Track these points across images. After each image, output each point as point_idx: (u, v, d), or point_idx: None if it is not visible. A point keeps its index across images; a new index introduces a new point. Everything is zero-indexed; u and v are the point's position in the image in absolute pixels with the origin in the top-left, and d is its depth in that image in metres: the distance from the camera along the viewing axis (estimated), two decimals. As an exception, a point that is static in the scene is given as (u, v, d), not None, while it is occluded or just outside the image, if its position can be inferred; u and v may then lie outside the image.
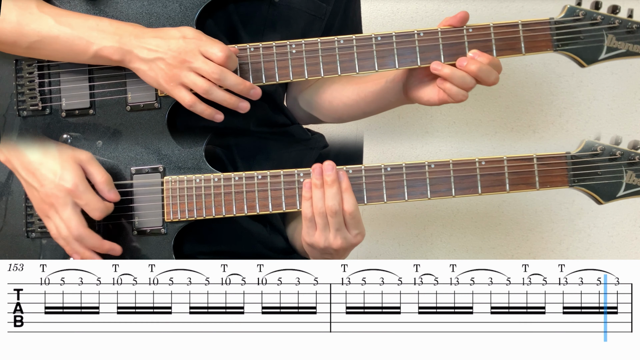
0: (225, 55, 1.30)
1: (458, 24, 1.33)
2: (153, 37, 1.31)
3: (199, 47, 1.30)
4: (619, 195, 1.32)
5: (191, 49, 1.30)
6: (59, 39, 1.33)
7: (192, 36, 1.31)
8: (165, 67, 1.30)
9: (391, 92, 1.46)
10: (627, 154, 1.31)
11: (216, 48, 1.30)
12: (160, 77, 1.31)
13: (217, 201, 1.35)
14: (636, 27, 1.31)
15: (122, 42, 1.31)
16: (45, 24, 1.33)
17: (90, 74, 1.40)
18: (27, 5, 1.33)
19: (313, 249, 1.34)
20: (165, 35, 1.31)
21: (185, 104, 1.32)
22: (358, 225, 1.32)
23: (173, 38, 1.31)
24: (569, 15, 1.33)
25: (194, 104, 1.32)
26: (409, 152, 2.03)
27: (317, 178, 1.31)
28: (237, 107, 1.33)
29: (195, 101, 1.32)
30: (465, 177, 1.31)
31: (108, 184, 1.35)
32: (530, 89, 2.00)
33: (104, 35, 1.32)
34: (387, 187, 1.32)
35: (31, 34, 1.33)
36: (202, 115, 1.33)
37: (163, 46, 1.30)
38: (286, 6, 1.45)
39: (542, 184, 1.31)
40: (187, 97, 1.31)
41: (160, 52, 1.30)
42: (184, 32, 1.31)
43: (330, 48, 1.35)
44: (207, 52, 1.30)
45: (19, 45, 1.35)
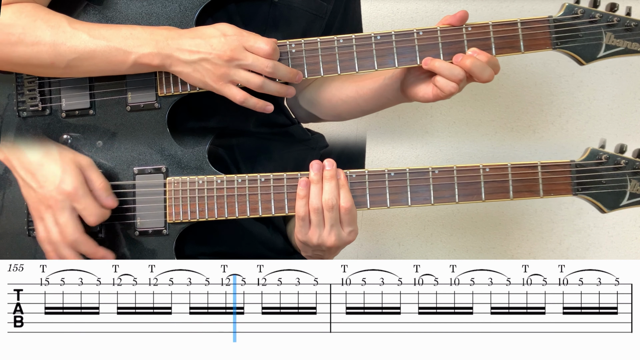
0: (272, 48, 1.30)
1: (457, 23, 1.33)
2: (191, 38, 1.30)
3: (243, 43, 1.30)
4: (623, 204, 1.32)
5: (236, 46, 1.29)
6: (96, 52, 1.31)
7: (232, 33, 1.30)
8: (212, 67, 1.30)
9: (389, 90, 1.46)
10: (632, 162, 1.30)
11: (261, 42, 1.30)
12: (207, 77, 1.31)
13: (220, 203, 1.35)
14: (634, 25, 1.31)
15: (160, 47, 1.30)
16: (80, 40, 1.31)
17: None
18: (58, 23, 1.31)
19: (306, 246, 1.35)
20: (203, 35, 1.30)
21: (237, 101, 1.32)
22: (352, 222, 1.32)
23: (213, 37, 1.30)
24: (567, 13, 1.33)
25: (246, 100, 1.32)
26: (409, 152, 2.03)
27: (315, 174, 1.31)
28: (286, 94, 1.35)
29: (246, 97, 1.32)
30: (468, 183, 1.31)
31: (106, 190, 1.35)
32: (530, 89, 2.00)
33: (140, 43, 1.30)
34: (390, 192, 1.32)
35: (68, 52, 1.31)
36: (254, 108, 1.33)
37: (205, 46, 1.29)
38: (287, 6, 1.45)
39: (546, 192, 1.31)
40: (239, 94, 1.31)
41: (203, 53, 1.29)
42: (222, 29, 1.31)
43: (330, 47, 1.35)
44: (253, 47, 1.30)
45: (57, 66, 1.32)
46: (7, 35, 1.30)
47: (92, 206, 1.33)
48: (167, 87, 1.37)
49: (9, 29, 1.30)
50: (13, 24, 1.30)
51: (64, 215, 1.32)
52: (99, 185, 1.34)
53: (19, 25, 1.30)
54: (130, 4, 1.37)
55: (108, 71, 1.34)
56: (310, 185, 1.31)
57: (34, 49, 1.31)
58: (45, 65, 1.32)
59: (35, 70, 1.37)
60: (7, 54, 1.32)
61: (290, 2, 1.45)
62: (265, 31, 1.42)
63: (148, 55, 1.30)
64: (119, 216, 1.39)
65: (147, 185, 1.38)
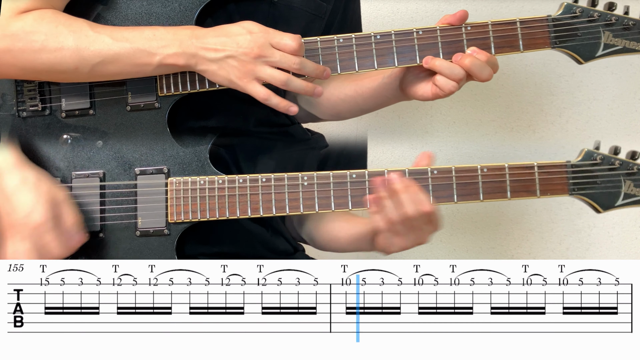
0: (298, 44, 1.30)
1: (457, 23, 1.34)
2: (216, 37, 1.30)
3: (269, 40, 1.29)
4: (618, 204, 1.33)
5: (262, 43, 1.29)
6: (120, 55, 1.30)
7: (257, 30, 1.30)
8: (238, 64, 1.29)
9: (388, 89, 1.46)
10: (626, 164, 1.32)
11: (287, 38, 1.29)
12: (233, 75, 1.30)
13: (221, 203, 1.35)
14: (632, 24, 1.32)
15: (184, 47, 1.30)
16: (103, 44, 1.30)
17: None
18: (80, 28, 1.31)
19: (400, 248, 1.35)
20: (229, 33, 1.30)
21: (260, 98, 1.31)
22: (439, 217, 1.31)
23: (239, 35, 1.30)
24: (566, 13, 1.33)
25: (269, 97, 1.31)
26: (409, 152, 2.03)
27: (383, 190, 1.29)
28: (313, 93, 1.33)
29: (270, 95, 1.31)
30: (467, 183, 1.32)
31: (77, 226, 1.33)
32: (530, 89, 2.00)
33: (164, 43, 1.30)
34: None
35: (92, 56, 1.30)
36: (276, 108, 1.32)
37: (231, 44, 1.29)
38: (286, 5, 1.45)
39: (543, 192, 1.32)
40: (263, 92, 1.30)
41: (229, 50, 1.29)
42: (247, 27, 1.31)
43: (330, 47, 1.35)
44: (279, 43, 1.29)
45: (81, 71, 1.32)
46: (30, 43, 1.30)
47: (55, 242, 1.31)
48: (167, 87, 1.37)
49: (31, 36, 1.30)
50: (35, 30, 1.30)
51: (24, 247, 1.30)
52: (70, 221, 1.33)
53: (42, 32, 1.30)
54: (130, 3, 1.37)
55: (133, 73, 1.33)
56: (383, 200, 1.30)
57: (57, 54, 1.30)
58: (69, 70, 1.31)
59: (60, 77, 1.36)
60: (31, 61, 1.31)
61: (289, 2, 1.45)
62: (266, 30, 1.42)
63: (173, 56, 1.30)
64: (120, 216, 1.39)
65: (149, 185, 1.38)
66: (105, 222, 1.38)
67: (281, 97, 1.33)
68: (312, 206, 1.34)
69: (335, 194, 1.34)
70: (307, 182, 1.34)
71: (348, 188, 1.33)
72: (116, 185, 1.39)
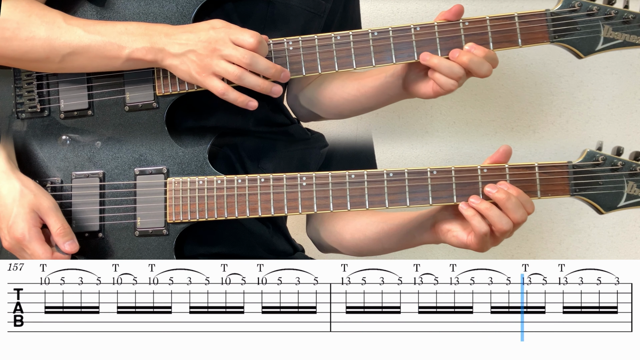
0: (257, 40, 1.30)
1: (453, 18, 1.34)
2: (183, 32, 1.31)
3: (229, 35, 1.30)
4: (620, 205, 1.32)
5: (221, 37, 1.30)
6: (91, 47, 1.32)
7: (220, 26, 1.31)
8: (197, 58, 1.30)
9: (391, 87, 1.46)
10: (629, 164, 1.31)
11: (247, 34, 1.30)
12: (192, 69, 1.31)
13: (220, 203, 1.35)
14: (632, 18, 1.31)
15: (153, 42, 1.31)
16: (75, 35, 1.32)
17: (88, 74, 1.40)
18: (53, 19, 1.33)
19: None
20: (194, 29, 1.32)
21: (218, 93, 1.32)
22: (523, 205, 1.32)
23: (202, 30, 1.31)
24: (565, 7, 1.33)
25: (226, 92, 1.31)
26: (409, 152, 2.03)
27: (481, 201, 1.30)
28: (270, 92, 1.33)
29: (227, 89, 1.31)
30: (467, 184, 1.31)
31: (64, 235, 1.33)
32: (530, 89, 2.00)
33: (134, 38, 1.32)
34: (389, 192, 1.32)
35: (62, 47, 1.32)
36: (235, 103, 1.33)
37: (193, 39, 1.30)
38: (284, 4, 1.45)
39: (544, 193, 1.31)
40: (220, 86, 1.31)
41: (190, 45, 1.30)
42: (212, 23, 1.32)
43: (327, 44, 1.35)
44: (238, 39, 1.30)
45: (51, 61, 1.34)
46: (2, 30, 1.32)
47: (38, 252, 1.32)
48: (165, 86, 1.37)
49: (3, 24, 1.32)
50: (7, 19, 1.32)
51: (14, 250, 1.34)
52: (56, 231, 1.33)
53: (14, 20, 1.32)
54: (127, 3, 1.37)
55: (103, 66, 1.35)
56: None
57: (28, 43, 1.32)
58: (40, 59, 1.34)
59: (30, 65, 1.38)
60: (2, 48, 1.33)
61: (287, 1, 1.45)
62: (264, 30, 1.42)
63: (141, 50, 1.31)
64: (119, 216, 1.39)
65: (148, 185, 1.38)
66: (104, 222, 1.38)
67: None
68: (310, 206, 1.34)
69: (334, 194, 1.33)
70: (306, 183, 1.34)
71: (347, 188, 1.33)
72: (115, 186, 1.39)
